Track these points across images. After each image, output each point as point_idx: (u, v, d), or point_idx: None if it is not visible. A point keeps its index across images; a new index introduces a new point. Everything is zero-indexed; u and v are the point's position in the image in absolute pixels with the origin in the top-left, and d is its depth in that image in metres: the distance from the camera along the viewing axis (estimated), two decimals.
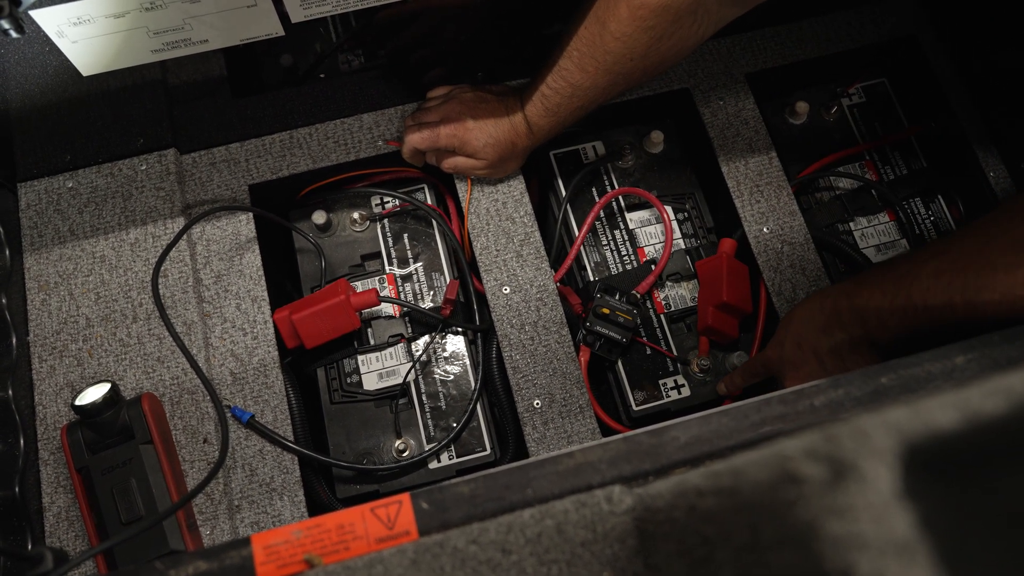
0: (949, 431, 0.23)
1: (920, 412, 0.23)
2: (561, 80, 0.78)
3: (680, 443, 0.48)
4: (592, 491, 0.45)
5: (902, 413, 0.23)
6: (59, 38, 0.68)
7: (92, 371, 0.79)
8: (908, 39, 0.99)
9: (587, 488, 0.46)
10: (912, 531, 0.21)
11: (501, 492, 0.47)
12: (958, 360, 0.50)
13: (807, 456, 0.24)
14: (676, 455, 0.48)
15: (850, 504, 0.23)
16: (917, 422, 0.23)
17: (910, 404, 0.24)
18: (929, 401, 0.23)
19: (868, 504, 0.22)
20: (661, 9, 0.69)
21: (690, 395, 0.85)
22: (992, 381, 0.23)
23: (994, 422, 0.23)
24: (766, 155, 0.91)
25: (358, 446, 0.83)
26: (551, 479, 0.47)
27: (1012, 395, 0.23)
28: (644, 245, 0.91)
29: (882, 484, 0.22)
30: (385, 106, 0.92)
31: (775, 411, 0.49)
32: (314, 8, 0.73)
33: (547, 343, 0.83)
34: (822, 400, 0.49)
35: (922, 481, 0.23)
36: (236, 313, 0.83)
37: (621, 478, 0.47)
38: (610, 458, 0.48)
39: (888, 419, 0.23)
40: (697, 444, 0.48)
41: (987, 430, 0.23)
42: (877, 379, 0.49)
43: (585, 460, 0.48)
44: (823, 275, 0.87)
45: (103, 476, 0.72)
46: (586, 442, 0.81)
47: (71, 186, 0.86)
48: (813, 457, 0.24)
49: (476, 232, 0.87)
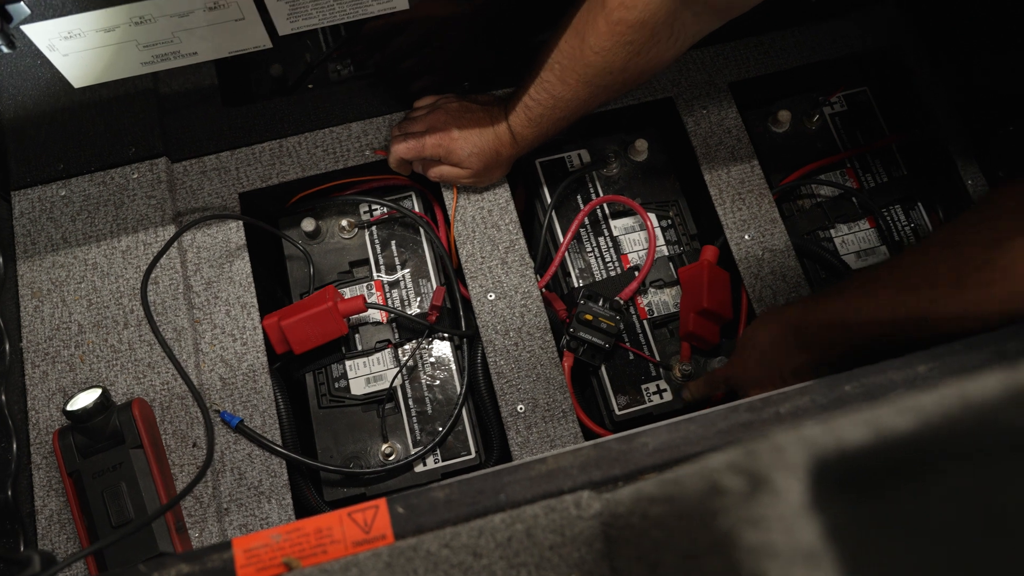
0: (858, 447, 0.24)
1: (833, 429, 0.25)
2: (543, 92, 0.80)
3: (649, 449, 0.50)
4: (562, 496, 0.47)
5: (817, 430, 0.25)
6: (50, 52, 0.70)
7: (84, 377, 0.81)
8: (889, 48, 1.00)
9: (557, 493, 0.48)
10: (818, 540, 0.23)
11: (475, 497, 0.48)
12: (920, 368, 0.52)
13: (729, 469, 0.25)
14: (645, 461, 0.49)
15: (764, 515, 0.24)
16: (829, 438, 0.24)
17: (825, 421, 0.25)
18: (843, 418, 0.25)
19: (779, 515, 0.24)
20: (638, 24, 0.70)
21: (672, 399, 0.87)
22: (904, 400, 0.25)
23: (902, 438, 0.24)
24: (748, 163, 0.93)
25: (346, 450, 0.84)
26: (523, 484, 0.49)
27: (921, 413, 0.24)
28: (628, 252, 0.93)
29: (792, 496, 0.24)
30: (373, 115, 0.93)
31: (742, 418, 0.50)
32: (300, 21, 0.75)
33: (531, 349, 0.85)
34: (788, 408, 0.51)
35: (830, 493, 0.24)
36: (226, 319, 0.85)
37: (591, 483, 0.48)
38: (581, 464, 0.49)
39: (803, 435, 0.25)
40: (666, 450, 0.49)
41: (895, 446, 0.24)
42: (841, 387, 0.51)
43: (557, 466, 0.49)
44: (803, 282, 0.88)
45: (94, 480, 0.74)
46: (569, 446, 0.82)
47: (64, 194, 0.87)
48: (734, 470, 0.25)
49: (462, 239, 0.89)
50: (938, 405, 0.24)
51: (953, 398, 0.24)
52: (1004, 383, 0.24)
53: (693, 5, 0.69)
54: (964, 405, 0.24)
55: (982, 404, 0.24)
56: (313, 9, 0.74)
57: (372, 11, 0.76)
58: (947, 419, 0.24)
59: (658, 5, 0.69)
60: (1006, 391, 0.23)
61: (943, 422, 0.24)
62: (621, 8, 0.70)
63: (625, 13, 0.70)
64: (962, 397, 0.24)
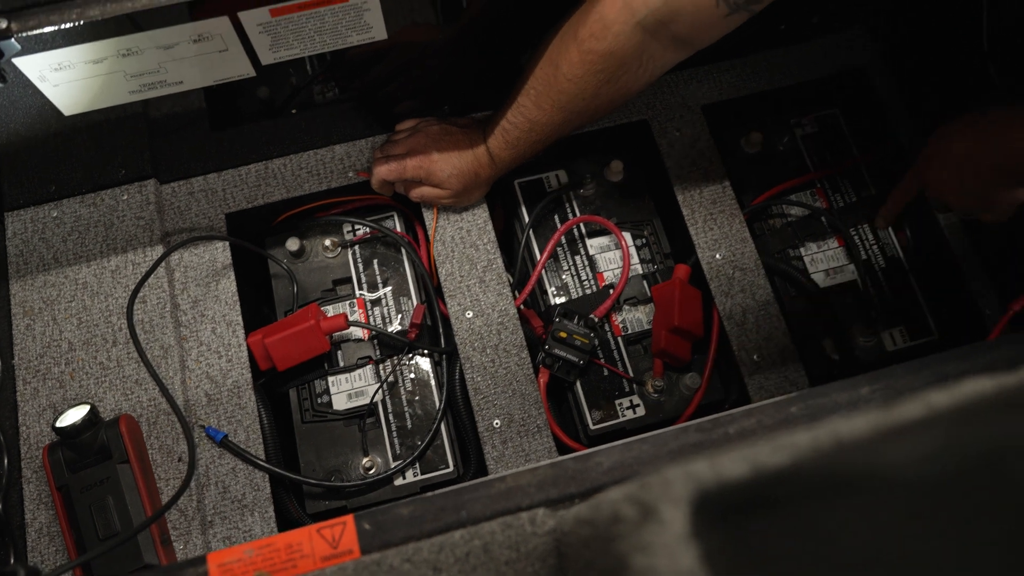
0: (737, 481, 0.27)
1: (715, 464, 0.27)
2: (520, 116, 0.83)
3: (604, 468, 0.52)
4: (519, 513, 0.50)
5: (701, 465, 0.27)
6: (41, 82, 0.73)
7: (74, 393, 0.83)
8: (858, 71, 1.03)
9: (515, 510, 0.50)
10: (696, 565, 0.25)
11: (437, 514, 0.51)
12: (863, 391, 0.55)
13: (626, 500, 0.28)
14: (600, 479, 0.52)
15: (650, 542, 0.27)
16: (711, 473, 0.27)
17: (710, 457, 0.28)
18: (725, 455, 0.28)
19: (663, 543, 0.26)
20: (608, 54, 0.73)
21: (645, 414, 0.89)
22: (781, 438, 0.27)
23: (776, 473, 0.27)
24: (720, 184, 0.96)
25: (328, 463, 0.87)
26: (483, 502, 0.51)
27: (795, 450, 0.27)
28: (603, 270, 0.95)
29: (676, 525, 0.26)
30: (356, 138, 0.96)
31: (692, 439, 0.53)
32: (282, 51, 0.78)
33: (507, 365, 0.87)
34: (736, 428, 0.53)
35: (709, 523, 0.27)
36: (212, 337, 0.87)
37: (547, 501, 0.51)
38: (538, 482, 0.52)
39: (689, 470, 0.27)
40: (619, 469, 0.52)
41: (770, 480, 0.27)
42: (787, 408, 0.54)
43: (515, 484, 0.52)
44: (772, 300, 0.91)
45: (82, 494, 0.77)
46: (542, 460, 0.85)
47: (56, 215, 0.90)
48: (630, 501, 0.28)
49: (441, 259, 0.92)
50: (812, 443, 0.27)
51: (826, 437, 0.26)
52: (873, 424, 0.26)
53: (660, 37, 0.72)
54: (835, 443, 0.26)
55: (852, 443, 0.26)
56: (294, 40, 0.77)
57: (352, 41, 0.79)
58: (818, 457, 0.26)
59: (627, 36, 0.72)
60: (875, 431, 0.26)
61: (814, 460, 0.26)
62: (592, 39, 0.73)
63: (595, 44, 0.73)
64: (834, 435, 0.26)
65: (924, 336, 0.94)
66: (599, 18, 0.72)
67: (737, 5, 0.67)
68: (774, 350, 0.89)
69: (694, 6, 0.67)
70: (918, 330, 0.94)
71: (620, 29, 0.71)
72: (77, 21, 0.65)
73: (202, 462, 0.83)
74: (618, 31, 0.71)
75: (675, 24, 0.70)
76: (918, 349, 0.94)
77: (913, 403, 0.26)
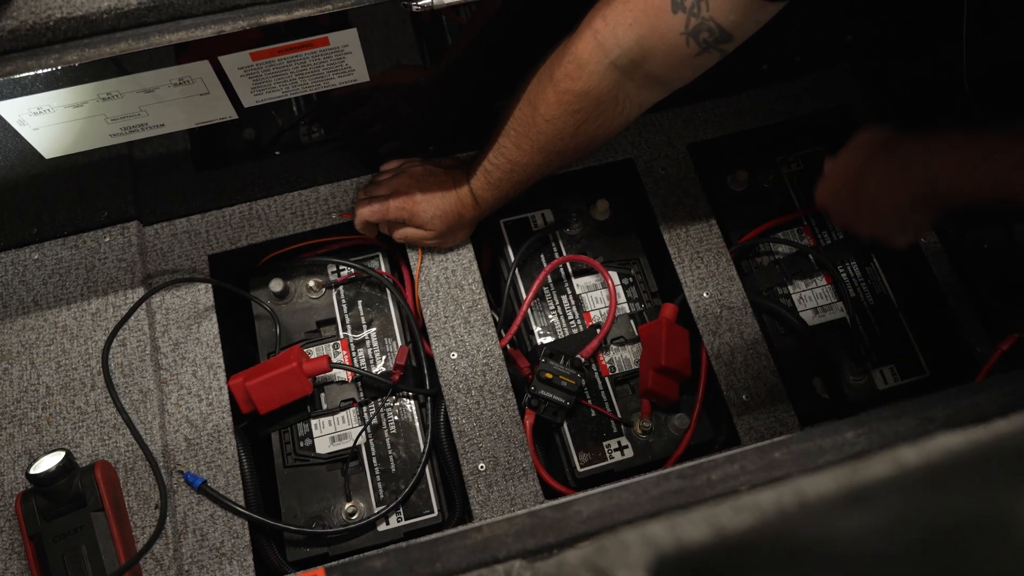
0: (697, 544, 0.26)
1: (675, 527, 0.26)
2: (501, 157, 0.83)
3: (582, 517, 0.51)
4: (495, 565, 0.48)
5: (659, 527, 0.26)
6: (21, 126, 0.73)
7: (50, 439, 0.82)
8: (842, 109, 1.03)
9: (491, 562, 0.49)
10: None
11: (410, 567, 0.49)
12: (848, 435, 0.53)
13: (583, 565, 0.27)
14: (578, 528, 0.50)
15: None
16: (670, 536, 0.26)
17: (668, 519, 0.27)
18: (684, 516, 0.26)
19: None
20: (583, 94, 0.73)
21: (633, 456, 0.88)
22: (742, 498, 0.26)
23: (738, 536, 0.25)
24: (706, 222, 0.95)
25: (310, 509, 0.85)
26: (459, 553, 0.50)
27: (758, 511, 0.26)
28: (590, 309, 0.94)
29: None
30: (341, 178, 0.96)
31: (673, 486, 0.52)
32: (264, 94, 0.78)
33: (492, 407, 0.86)
34: (719, 475, 0.52)
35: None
36: (192, 380, 0.86)
37: (526, 552, 0.49)
38: (516, 532, 0.50)
39: (646, 533, 0.26)
40: (597, 518, 0.51)
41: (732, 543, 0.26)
42: (771, 454, 0.52)
43: (492, 534, 0.50)
44: (760, 338, 0.90)
45: (55, 543, 0.75)
46: (528, 505, 0.83)
47: (36, 258, 0.90)
48: (586, 567, 0.26)
49: (426, 299, 0.91)
50: (775, 504, 0.25)
51: (790, 497, 0.25)
52: (839, 483, 0.25)
53: (634, 76, 0.72)
54: (799, 505, 0.25)
55: (816, 504, 0.25)
56: (276, 83, 0.77)
57: (334, 83, 0.80)
58: (781, 520, 0.25)
59: (600, 76, 0.72)
60: (840, 492, 0.25)
61: (777, 523, 0.25)
62: (567, 79, 0.74)
63: (571, 83, 0.74)
64: (799, 495, 0.25)
65: (915, 374, 0.93)
66: (573, 58, 0.72)
67: (707, 43, 0.67)
68: (763, 389, 0.88)
69: (665, 45, 0.68)
70: (909, 368, 0.93)
71: (594, 69, 0.71)
72: (55, 67, 0.65)
73: (180, 509, 0.81)
74: (592, 71, 0.72)
75: (648, 63, 0.70)
76: (909, 388, 0.92)
77: (882, 460, 0.25)
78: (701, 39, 0.66)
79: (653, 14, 0.67)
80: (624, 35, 0.69)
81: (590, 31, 0.71)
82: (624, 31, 0.69)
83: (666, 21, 0.66)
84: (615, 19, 0.69)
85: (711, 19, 0.65)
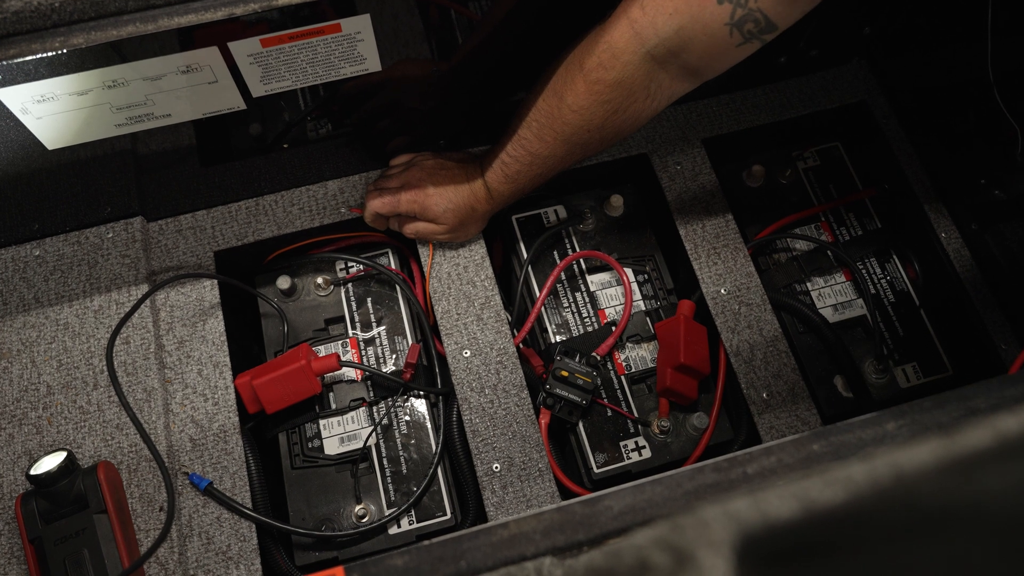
0: (786, 521, 0.24)
1: (760, 502, 0.24)
2: (520, 149, 0.80)
3: (614, 512, 0.48)
4: (523, 563, 0.46)
5: (743, 503, 0.24)
6: (23, 115, 0.71)
7: (51, 439, 0.79)
8: (859, 104, 1.02)
9: (519, 560, 0.46)
10: None
11: (434, 564, 0.47)
12: (889, 426, 0.51)
13: (655, 545, 0.24)
14: (609, 525, 0.48)
15: None
16: (755, 512, 0.24)
17: (753, 494, 0.24)
18: (770, 491, 0.24)
19: None
20: (616, 84, 0.71)
21: (651, 456, 0.85)
22: (833, 471, 0.24)
23: (830, 511, 0.23)
24: (723, 218, 0.93)
25: (318, 511, 0.82)
26: (484, 551, 0.47)
27: (850, 485, 0.23)
28: (605, 307, 0.92)
29: (716, 574, 0.23)
30: (350, 173, 0.94)
31: (708, 479, 0.49)
32: (274, 83, 0.76)
33: (507, 406, 0.84)
34: (755, 468, 0.50)
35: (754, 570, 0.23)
36: (197, 379, 0.83)
37: (554, 549, 0.47)
38: (544, 529, 0.48)
39: (729, 509, 0.24)
40: (630, 513, 0.48)
41: (823, 519, 0.23)
42: (809, 446, 0.50)
43: (519, 531, 0.48)
44: (780, 336, 0.88)
45: (56, 546, 0.72)
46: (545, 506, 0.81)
47: (38, 254, 0.87)
48: (660, 546, 0.24)
49: (437, 296, 0.89)
50: (869, 477, 0.23)
51: (885, 469, 0.23)
52: (938, 453, 0.23)
53: (670, 67, 0.70)
54: (896, 477, 0.23)
55: (915, 476, 0.23)
56: (286, 72, 0.75)
57: (345, 73, 0.78)
58: (877, 492, 0.23)
59: (635, 66, 0.70)
60: (939, 462, 0.23)
61: (873, 495, 0.23)
62: (599, 68, 0.71)
63: (603, 73, 0.71)
64: (894, 467, 0.23)
65: (938, 372, 0.91)
66: (607, 47, 0.70)
67: (751, 34, 0.65)
68: (784, 387, 0.86)
69: (707, 36, 0.66)
70: (932, 366, 0.91)
71: (629, 59, 0.69)
72: (60, 50, 0.62)
73: (185, 511, 0.78)
74: (627, 60, 0.70)
75: (686, 53, 0.68)
76: (933, 386, 0.90)
77: (979, 430, 0.23)
78: (746, 30, 0.65)
79: (696, 4, 0.65)
80: (664, 24, 0.67)
81: (626, 19, 0.69)
82: (664, 20, 0.67)
83: (710, 11, 0.64)
84: (654, 8, 0.67)
85: (758, 9, 0.63)
